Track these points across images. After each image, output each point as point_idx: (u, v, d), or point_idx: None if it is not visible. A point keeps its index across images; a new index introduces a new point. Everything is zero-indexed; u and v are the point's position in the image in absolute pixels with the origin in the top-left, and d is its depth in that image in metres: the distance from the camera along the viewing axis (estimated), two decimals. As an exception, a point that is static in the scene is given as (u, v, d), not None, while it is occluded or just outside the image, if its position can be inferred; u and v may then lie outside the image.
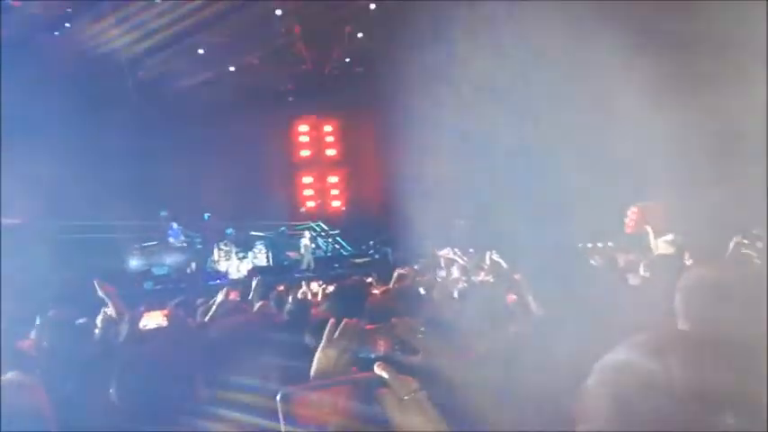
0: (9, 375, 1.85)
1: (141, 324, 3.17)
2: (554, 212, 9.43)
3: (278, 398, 0.93)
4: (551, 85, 10.17)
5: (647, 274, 3.46)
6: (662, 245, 5.41)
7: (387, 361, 1.02)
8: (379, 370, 0.97)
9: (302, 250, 14.34)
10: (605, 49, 8.66)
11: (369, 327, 1.52)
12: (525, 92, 10.39)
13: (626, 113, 9.31)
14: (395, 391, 0.96)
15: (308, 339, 2.94)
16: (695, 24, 8.89)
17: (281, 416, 0.92)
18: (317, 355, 1.30)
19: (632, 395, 0.72)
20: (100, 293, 3.32)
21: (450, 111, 11.03)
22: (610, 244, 7.22)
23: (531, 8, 9.50)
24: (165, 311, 3.45)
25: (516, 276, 3.21)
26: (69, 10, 12.80)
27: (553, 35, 9.47)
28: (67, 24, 12.94)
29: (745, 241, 4.72)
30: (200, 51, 14.72)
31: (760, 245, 4.91)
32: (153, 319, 3.31)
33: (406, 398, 0.96)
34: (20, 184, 9.76)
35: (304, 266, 13.45)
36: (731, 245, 4.60)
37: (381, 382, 0.97)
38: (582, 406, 0.78)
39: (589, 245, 6.85)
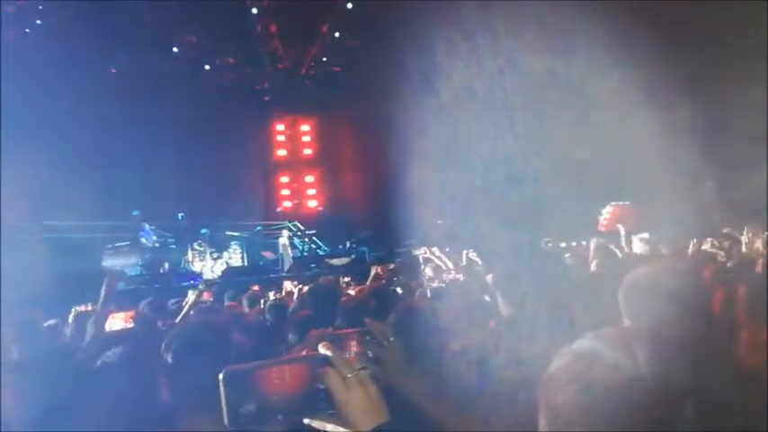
0: None
1: (107, 325, 3.11)
2: (530, 212, 9.52)
3: (220, 377, 0.94)
4: (529, 87, 10.26)
5: (600, 270, 3.55)
6: (637, 243, 5.51)
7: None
8: (323, 349, 1.00)
9: (280, 250, 14.24)
10: (583, 53, 8.77)
11: (343, 331, 1.51)
12: (503, 93, 10.47)
13: (602, 115, 9.44)
14: (338, 370, 0.98)
15: (282, 337, 2.93)
16: (679, 25, 9.05)
17: (223, 395, 0.93)
18: None
19: (597, 382, 0.73)
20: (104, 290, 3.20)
21: (427, 111, 11.07)
22: (583, 243, 7.30)
23: (510, 8, 9.56)
24: (131, 313, 3.40)
25: (488, 276, 3.23)
26: (41, 7, 12.56)
27: (531, 36, 9.56)
28: (38, 21, 12.70)
29: (711, 239, 4.83)
30: (175, 50, 14.55)
31: (727, 245, 5.03)
32: (119, 321, 3.26)
33: (349, 376, 0.99)
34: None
35: (286, 267, 13.34)
36: (690, 245, 4.74)
37: (325, 360, 0.99)
38: (544, 392, 0.79)
39: (563, 244, 6.92)
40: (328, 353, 1.00)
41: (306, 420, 0.99)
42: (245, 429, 0.94)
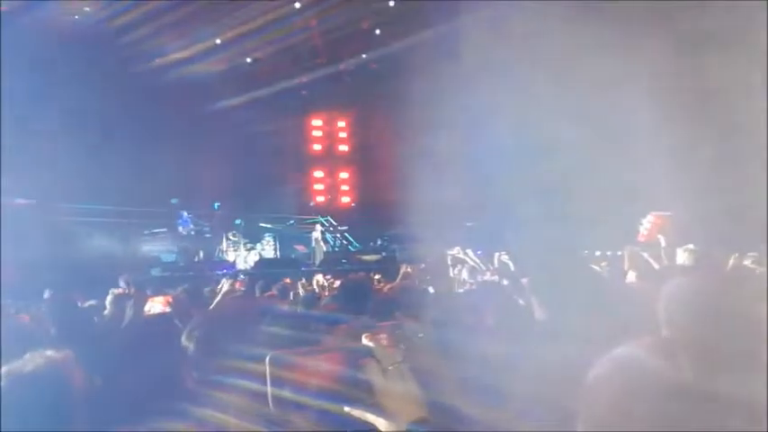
0: (48, 353, 1.73)
1: (146, 308, 3.20)
2: (566, 218, 9.38)
3: (267, 360, 0.97)
4: (568, 92, 10.11)
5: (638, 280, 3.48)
6: (681, 254, 5.37)
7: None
8: (366, 340, 1.03)
9: (313, 244, 14.37)
10: (622, 57, 8.62)
11: (375, 323, 1.53)
12: (543, 94, 10.33)
13: (643, 123, 9.26)
14: (380, 361, 1.00)
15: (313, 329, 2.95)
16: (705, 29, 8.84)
17: (268, 377, 0.96)
18: None
19: (639, 390, 0.72)
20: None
21: (465, 111, 11.00)
22: (619, 253, 7.17)
23: (550, 8, 9.44)
24: (169, 298, 3.49)
25: (523, 280, 3.21)
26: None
27: (573, 40, 9.42)
28: (87, 9, 13.04)
29: (755, 254, 4.70)
30: (217, 42, 14.77)
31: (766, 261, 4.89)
32: (158, 305, 3.35)
33: (390, 368, 1.00)
34: (33, 167, 9.84)
35: (318, 261, 13.44)
36: (731, 259, 4.61)
37: (367, 351, 1.01)
38: (584, 399, 0.78)
39: (597, 252, 6.80)
40: (371, 344, 1.02)
41: (346, 408, 1.01)
42: (286, 412, 0.97)
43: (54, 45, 10.92)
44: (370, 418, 1.01)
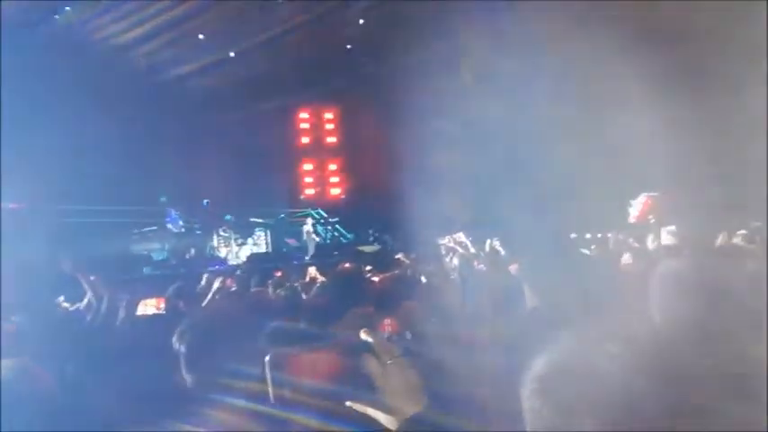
0: (14, 361, 1.79)
1: (139, 311, 3.17)
2: (555, 202, 9.42)
3: (266, 359, 0.98)
4: (554, 75, 10.12)
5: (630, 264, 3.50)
6: (665, 236, 5.40)
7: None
8: (364, 335, 1.03)
9: (304, 237, 14.36)
10: (609, 41, 8.63)
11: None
12: (528, 81, 10.35)
13: (633, 105, 9.29)
14: (379, 356, 1.00)
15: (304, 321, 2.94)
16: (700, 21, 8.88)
17: (268, 376, 0.97)
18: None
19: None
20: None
21: (451, 99, 10.99)
22: (609, 235, 7.21)
23: (539, 9, 9.45)
24: (161, 300, 3.45)
25: (514, 266, 3.21)
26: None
27: (557, 24, 9.42)
28: (67, 8, 12.86)
29: (744, 231, 4.72)
30: (201, 37, 14.63)
31: (758, 238, 4.92)
32: (149, 307, 3.31)
33: (389, 362, 1.00)
34: (19, 169, 9.73)
35: (310, 254, 13.44)
36: (719, 238, 4.63)
37: (366, 347, 1.02)
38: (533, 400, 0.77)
39: (588, 235, 6.83)
40: (369, 339, 1.02)
41: (348, 403, 1.01)
42: (288, 409, 0.97)
43: (34, 44, 10.77)
44: (371, 412, 1.02)
